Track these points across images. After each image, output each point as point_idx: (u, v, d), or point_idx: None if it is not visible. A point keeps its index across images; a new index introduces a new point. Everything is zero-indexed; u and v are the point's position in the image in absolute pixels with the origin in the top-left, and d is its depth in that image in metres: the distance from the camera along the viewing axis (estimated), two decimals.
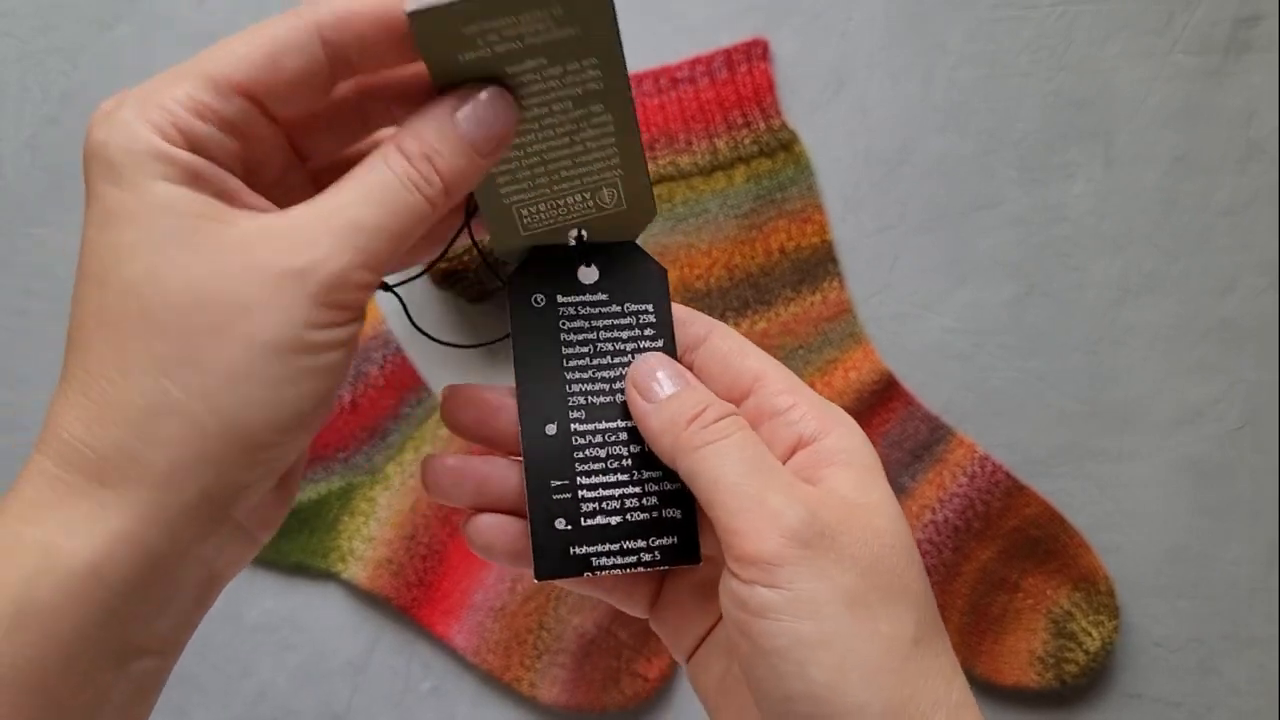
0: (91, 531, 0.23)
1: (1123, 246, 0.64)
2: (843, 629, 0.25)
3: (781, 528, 0.25)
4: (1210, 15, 0.65)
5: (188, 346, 0.23)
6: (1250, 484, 0.63)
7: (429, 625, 0.62)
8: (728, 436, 0.27)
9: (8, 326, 0.66)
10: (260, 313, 0.23)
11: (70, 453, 0.24)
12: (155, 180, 0.23)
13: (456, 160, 0.25)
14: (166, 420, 0.23)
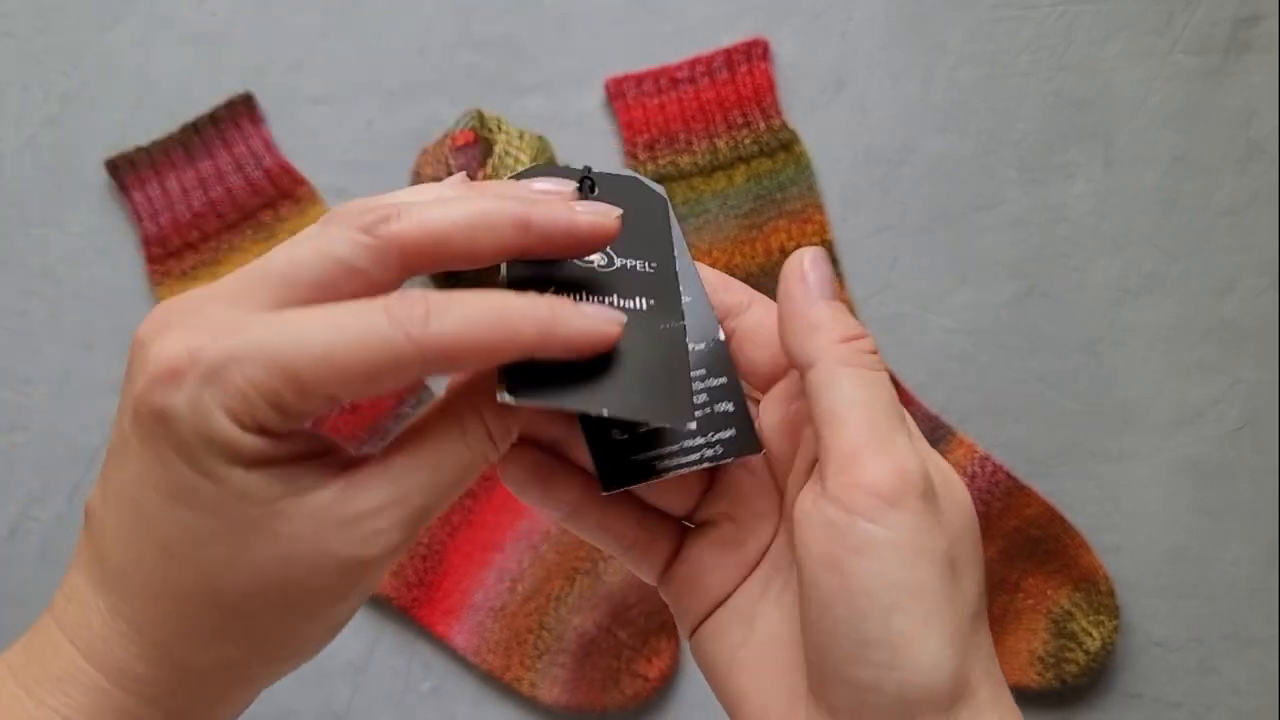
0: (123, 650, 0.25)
1: (1123, 247, 0.64)
2: (933, 585, 0.24)
3: (907, 471, 0.25)
4: (1210, 15, 0.65)
5: (252, 623, 0.25)
6: (1250, 484, 0.63)
7: (429, 625, 0.62)
8: (880, 370, 0.27)
9: (8, 327, 0.66)
10: (324, 596, 0.25)
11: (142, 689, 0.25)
12: (232, 468, 0.23)
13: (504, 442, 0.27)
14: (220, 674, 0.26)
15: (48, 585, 0.67)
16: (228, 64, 0.66)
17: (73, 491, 0.65)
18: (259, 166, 0.65)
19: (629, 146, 0.64)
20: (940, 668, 0.24)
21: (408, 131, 0.66)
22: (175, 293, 0.64)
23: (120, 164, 0.65)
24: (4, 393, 0.65)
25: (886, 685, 0.24)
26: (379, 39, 0.67)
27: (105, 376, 0.65)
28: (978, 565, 0.26)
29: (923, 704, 0.24)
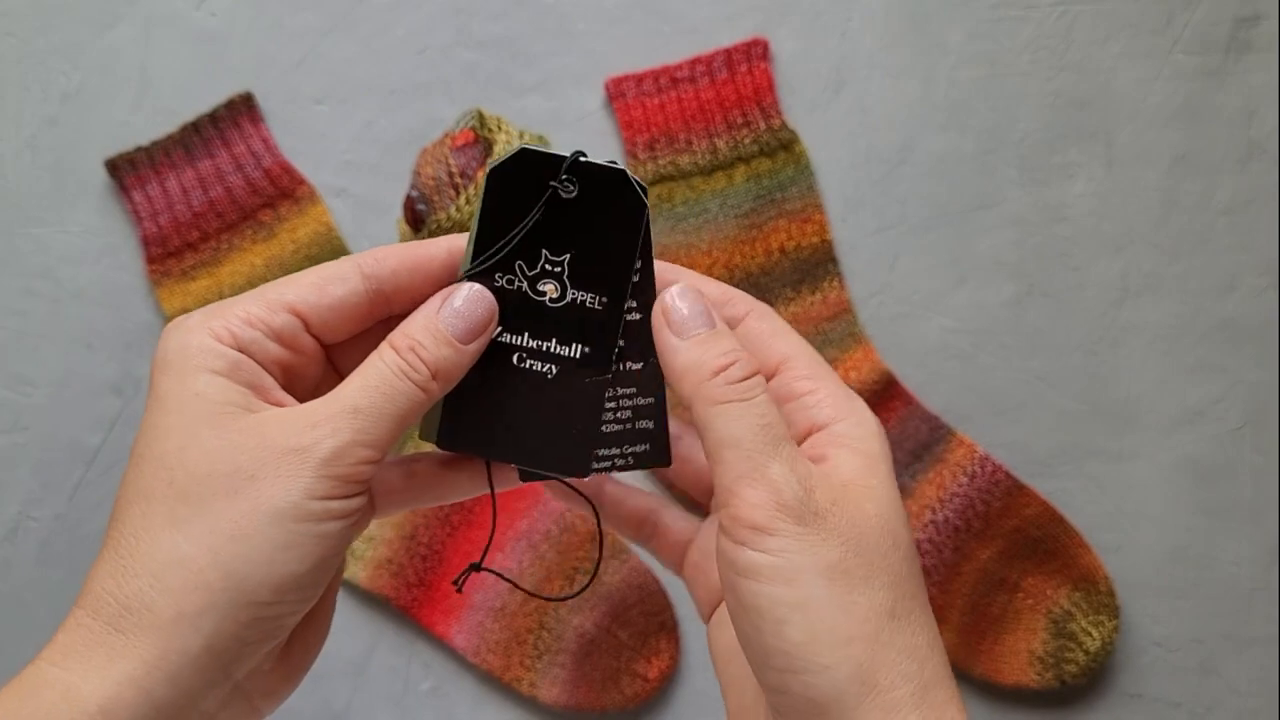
0: (104, 676, 0.26)
1: (1123, 246, 0.64)
2: (819, 597, 0.27)
3: (778, 499, 0.27)
4: (1210, 15, 0.65)
5: (202, 509, 0.27)
6: (1250, 484, 0.63)
7: (429, 625, 0.62)
8: (749, 399, 0.28)
9: (8, 327, 0.66)
10: (265, 483, 0.27)
11: (97, 602, 0.27)
12: (200, 372, 0.28)
13: (440, 350, 0.29)
14: (176, 571, 0.26)
15: (47, 585, 0.67)
16: (227, 64, 0.66)
17: (73, 492, 0.65)
18: (259, 166, 0.65)
19: (629, 146, 0.64)
20: (833, 669, 0.26)
21: (407, 131, 0.66)
22: (175, 292, 0.64)
23: (120, 164, 0.65)
24: (3, 392, 0.65)
25: (793, 687, 0.27)
26: (379, 39, 0.67)
27: (105, 376, 0.65)
28: (890, 570, 0.28)
29: (829, 703, 0.27)
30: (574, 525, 0.63)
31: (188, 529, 0.27)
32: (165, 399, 0.28)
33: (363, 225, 0.66)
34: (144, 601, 0.26)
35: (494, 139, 0.58)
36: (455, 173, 0.57)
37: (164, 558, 0.27)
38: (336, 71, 0.66)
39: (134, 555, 0.27)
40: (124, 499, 0.28)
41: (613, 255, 0.31)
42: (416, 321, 0.29)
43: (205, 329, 0.28)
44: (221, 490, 0.27)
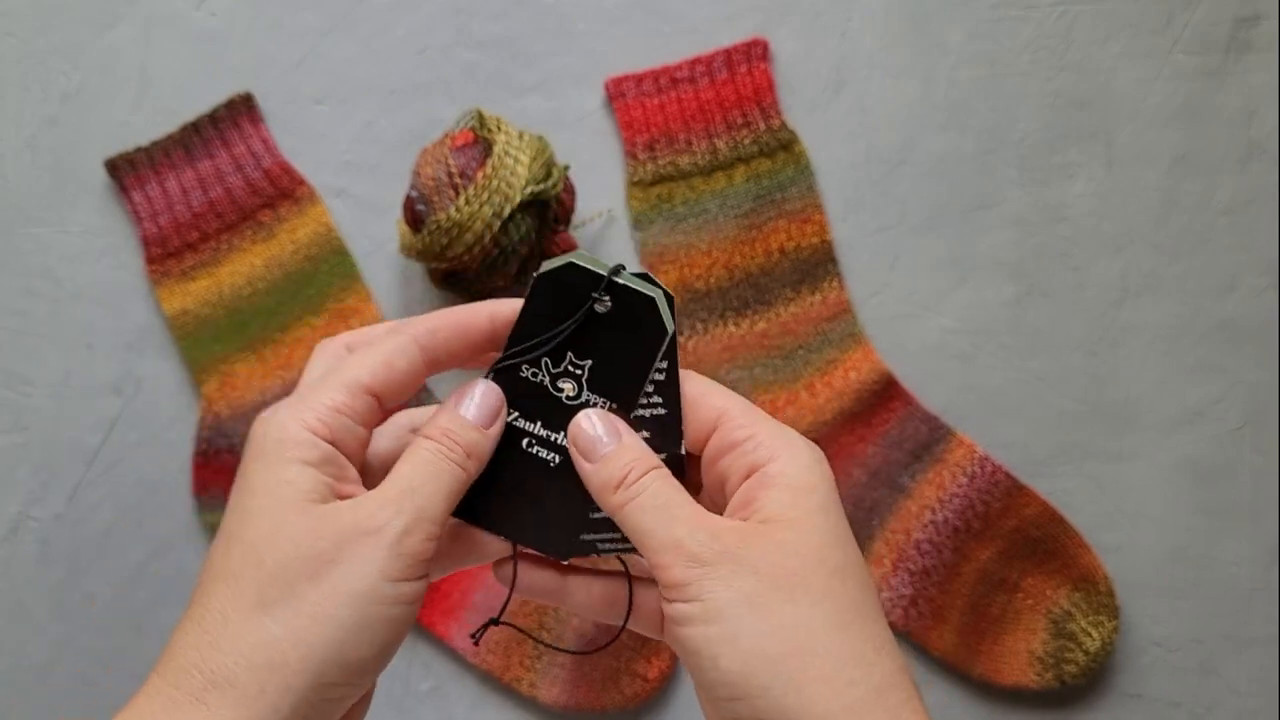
0: None
1: (1123, 246, 0.64)
2: (743, 626, 0.29)
3: (685, 555, 0.30)
4: (1210, 15, 0.65)
5: (287, 592, 0.29)
6: (1250, 484, 0.63)
7: (429, 625, 0.62)
8: (641, 494, 0.32)
9: (8, 326, 0.66)
10: (344, 565, 0.30)
11: (181, 674, 0.29)
12: (292, 463, 0.31)
13: (468, 434, 0.33)
14: (262, 651, 0.29)
15: (47, 585, 0.67)
16: (227, 64, 0.67)
17: (72, 492, 0.65)
18: (259, 167, 0.65)
19: (629, 146, 0.64)
20: (770, 689, 0.29)
21: (407, 131, 0.66)
22: (175, 292, 0.65)
23: (120, 164, 0.65)
24: (3, 392, 0.65)
25: (743, 713, 0.29)
26: (379, 39, 0.67)
27: (105, 376, 0.65)
28: (818, 586, 0.30)
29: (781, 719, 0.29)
30: None
31: (275, 611, 0.29)
32: (256, 485, 0.31)
33: (362, 225, 0.66)
34: (229, 678, 0.28)
35: (493, 139, 0.58)
36: (455, 173, 0.57)
37: (252, 638, 0.29)
38: (336, 72, 0.67)
39: (223, 633, 0.29)
40: (212, 575, 0.30)
41: (631, 369, 0.33)
42: (444, 415, 0.33)
43: (299, 420, 0.31)
44: (305, 574, 0.29)
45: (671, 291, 0.33)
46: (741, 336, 0.64)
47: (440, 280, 0.61)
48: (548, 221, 0.60)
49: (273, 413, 0.32)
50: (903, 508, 0.62)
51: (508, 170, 0.56)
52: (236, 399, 0.64)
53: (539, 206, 0.58)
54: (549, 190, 0.58)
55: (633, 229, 0.65)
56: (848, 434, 0.63)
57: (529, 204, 0.57)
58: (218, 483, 0.64)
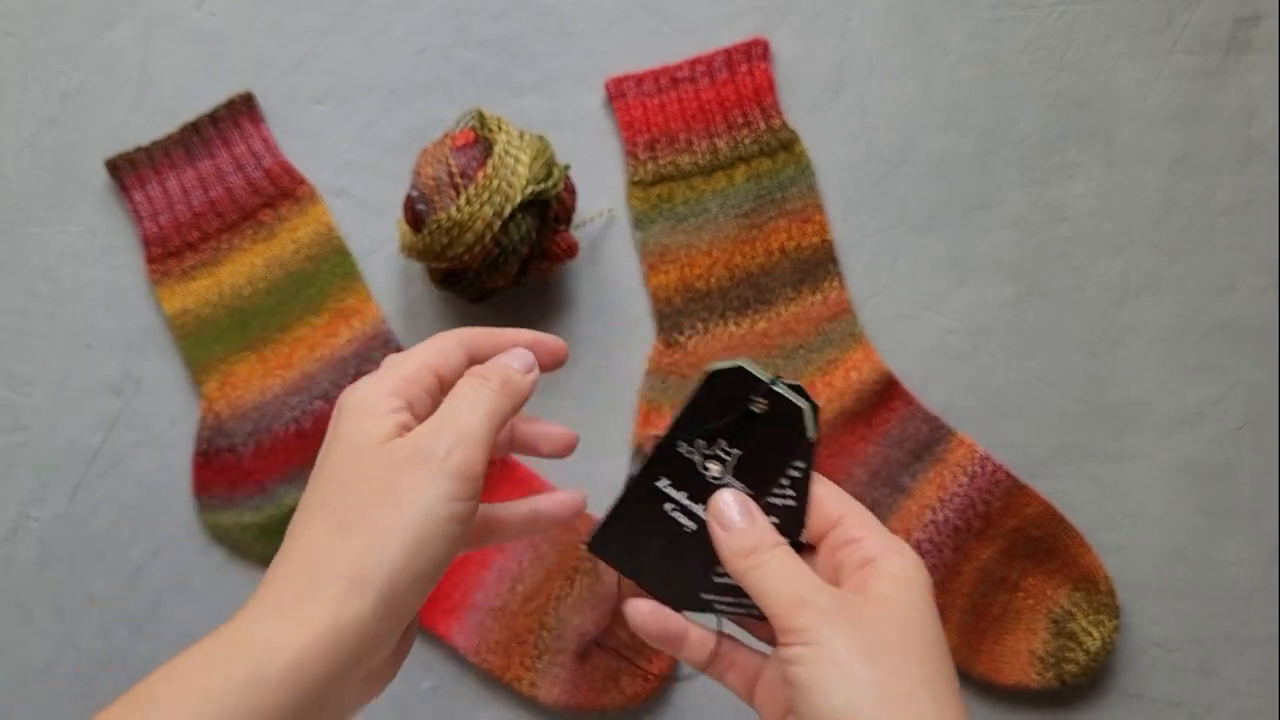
0: (295, 634, 0.34)
1: (1123, 247, 0.64)
2: (855, 671, 0.34)
3: (809, 606, 0.36)
4: (1210, 15, 0.65)
5: (364, 516, 0.35)
6: (1250, 484, 0.63)
7: (430, 625, 0.63)
8: (768, 563, 0.38)
9: (8, 326, 0.66)
10: (406, 491, 0.35)
11: (283, 583, 0.35)
12: (370, 416, 0.37)
13: (503, 369, 0.40)
14: (348, 562, 0.34)
15: (47, 585, 0.67)
16: (228, 64, 0.67)
17: (73, 492, 0.65)
18: (259, 166, 0.65)
19: (629, 146, 0.64)
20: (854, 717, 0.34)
21: (407, 131, 0.66)
22: (175, 292, 0.65)
23: (120, 164, 0.65)
24: (4, 392, 0.65)
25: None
26: (379, 39, 0.67)
27: (105, 376, 0.65)
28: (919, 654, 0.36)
29: None
30: (574, 525, 0.63)
31: (356, 531, 0.35)
32: (341, 435, 0.37)
33: (363, 225, 0.66)
34: (321, 583, 0.34)
35: (494, 139, 0.58)
36: (455, 173, 0.57)
37: (338, 552, 0.35)
38: (336, 71, 0.67)
39: (317, 552, 0.35)
40: (308, 508, 0.37)
41: (772, 463, 0.39)
42: (487, 363, 0.41)
43: (378, 387, 0.38)
44: (376, 500, 0.35)
45: (672, 291, 0.35)
46: (742, 336, 0.64)
47: (440, 280, 0.61)
48: (548, 221, 0.60)
49: (357, 384, 0.39)
50: (903, 507, 0.62)
51: (508, 170, 0.56)
52: (237, 399, 0.64)
53: (539, 206, 0.58)
54: (549, 190, 0.58)
55: (633, 229, 0.65)
56: (848, 433, 0.63)
57: (529, 204, 0.57)
58: (218, 482, 0.64)
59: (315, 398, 0.64)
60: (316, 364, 0.64)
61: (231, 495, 0.64)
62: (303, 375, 0.64)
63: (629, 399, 0.65)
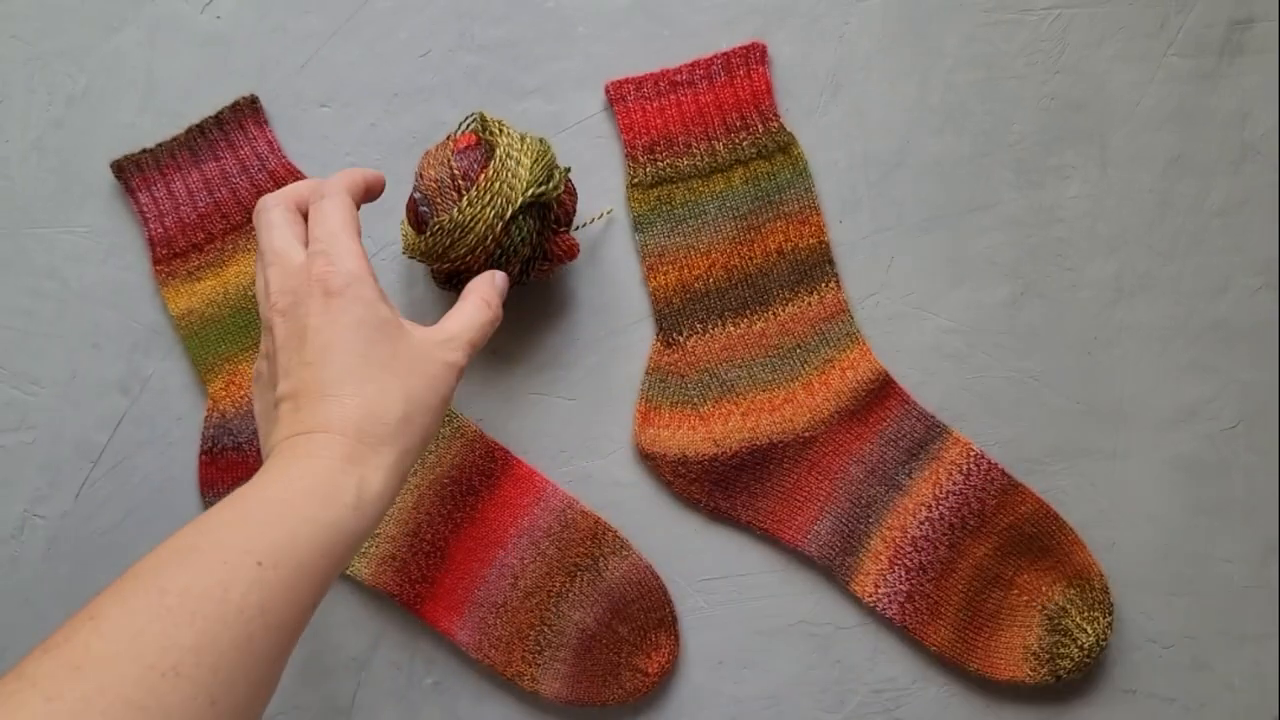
0: (376, 475, 0.44)
1: (1117, 247, 0.65)
2: None
3: None
4: (1205, 18, 0.65)
5: (404, 382, 0.46)
6: (1244, 482, 0.64)
7: (432, 621, 0.63)
8: None
9: (15, 327, 0.66)
10: (435, 379, 0.48)
11: (356, 430, 0.44)
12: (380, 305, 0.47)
13: (495, 299, 0.55)
14: (396, 408, 0.45)
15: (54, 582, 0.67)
16: (232, 67, 0.67)
17: (79, 490, 0.65)
18: (264, 168, 0.66)
19: (629, 149, 0.65)
20: None
21: (410, 133, 0.66)
22: (181, 293, 0.65)
23: (126, 166, 0.65)
24: (11, 392, 0.66)
25: None
26: (382, 42, 0.67)
27: (111, 376, 0.66)
28: None
29: None
30: (575, 521, 0.63)
31: (400, 391, 0.46)
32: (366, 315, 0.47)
33: (366, 226, 0.66)
34: (380, 435, 0.44)
35: (495, 142, 0.59)
36: (458, 175, 0.58)
37: (384, 403, 0.45)
38: (340, 75, 0.67)
39: (371, 405, 0.45)
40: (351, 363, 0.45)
41: None
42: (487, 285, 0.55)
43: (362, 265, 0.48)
44: (409, 368, 0.47)
45: (671, 292, 0.35)
46: (740, 336, 0.65)
47: (443, 281, 0.62)
48: (549, 223, 0.60)
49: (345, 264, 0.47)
50: (899, 505, 0.63)
51: (509, 172, 0.57)
52: (242, 398, 0.65)
53: (541, 208, 0.59)
54: (550, 192, 0.58)
55: (633, 230, 0.65)
56: (845, 432, 0.64)
57: (531, 205, 0.58)
58: (223, 480, 0.65)
59: None
60: None
61: None
62: None
63: (629, 399, 0.65)
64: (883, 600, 0.62)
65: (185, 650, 0.34)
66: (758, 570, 0.64)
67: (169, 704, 0.32)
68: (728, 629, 0.64)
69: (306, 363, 0.45)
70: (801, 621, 0.64)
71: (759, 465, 0.64)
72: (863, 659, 0.63)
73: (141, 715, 0.32)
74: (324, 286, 0.46)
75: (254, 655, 0.36)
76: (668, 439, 0.64)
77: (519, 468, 0.64)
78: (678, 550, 0.64)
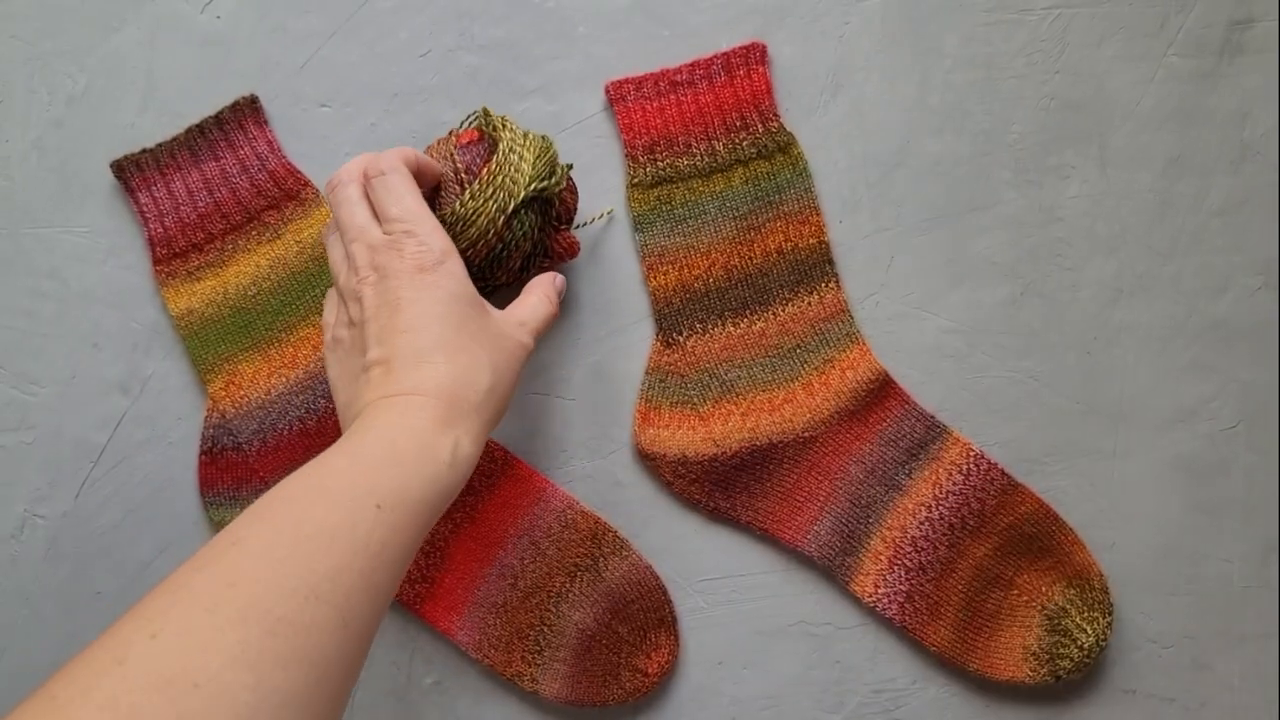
0: (469, 437, 0.48)
1: (1117, 247, 0.65)
2: None
3: None
4: (1204, 18, 0.65)
5: (490, 356, 0.50)
6: (1244, 482, 0.64)
7: (431, 621, 0.63)
8: None
9: (15, 327, 0.66)
10: (514, 356, 0.52)
11: (450, 396, 0.48)
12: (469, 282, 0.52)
13: (555, 297, 0.58)
14: (484, 379, 0.49)
15: (54, 582, 0.67)
16: (232, 67, 0.67)
17: (79, 490, 0.65)
18: (264, 168, 0.66)
19: (629, 149, 0.65)
20: None
21: (410, 133, 0.66)
22: (181, 293, 0.65)
23: (126, 166, 0.65)
24: (11, 392, 0.66)
25: None
26: (382, 42, 0.67)
27: (111, 376, 0.66)
28: None
29: None
30: (575, 522, 0.63)
31: (487, 364, 0.50)
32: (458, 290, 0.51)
33: None
34: (472, 402, 0.48)
35: (498, 136, 0.59)
36: (460, 169, 0.58)
37: (479, 380, 0.49)
38: (340, 74, 0.67)
39: (463, 375, 0.48)
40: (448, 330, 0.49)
41: None
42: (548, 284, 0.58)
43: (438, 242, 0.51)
44: (495, 344, 0.51)
45: (671, 292, 0.35)
46: (740, 336, 0.65)
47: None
48: (550, 220, 0.60)
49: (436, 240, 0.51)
50: (899, 505, 0.63)
51: (512, 167, 0.57)
52: (242, 398, 0.65)
53: (542, 204, 0.59)
54: (553, 188, 0.58)
55: (633, 230, 0.65)
56: (845, 432, 0.64)
57: (533, 200, 0.58)
58: (224, 480, 0.65)
59: (319, 397, 0.65)
60: (321, 363, 0.65)
61: (237, 493, 0.65)
62: (307, 374, 0.65)
63: (629, 399, 0.65)
64: (883, 600, 0.62)
65: (321, 577, 0.38)
66: (758, 570, 0.64)
67: (312, 622, 0.37)
68: (728, 629, 0.64)
69: (401, 330, 0.48)
70: (801, 621, 0.64)
71: (759, 465, 0.64)
72: (863, 659, 0.63)
73: (290, 630, 0.36)
74: (418, 263, 0.49)
75: (376, 586, 0.40)
76: (668, 439, 0.64)
77: (519, 468, 0.64)
78: (678, 550, 0.64)
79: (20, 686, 0.64)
